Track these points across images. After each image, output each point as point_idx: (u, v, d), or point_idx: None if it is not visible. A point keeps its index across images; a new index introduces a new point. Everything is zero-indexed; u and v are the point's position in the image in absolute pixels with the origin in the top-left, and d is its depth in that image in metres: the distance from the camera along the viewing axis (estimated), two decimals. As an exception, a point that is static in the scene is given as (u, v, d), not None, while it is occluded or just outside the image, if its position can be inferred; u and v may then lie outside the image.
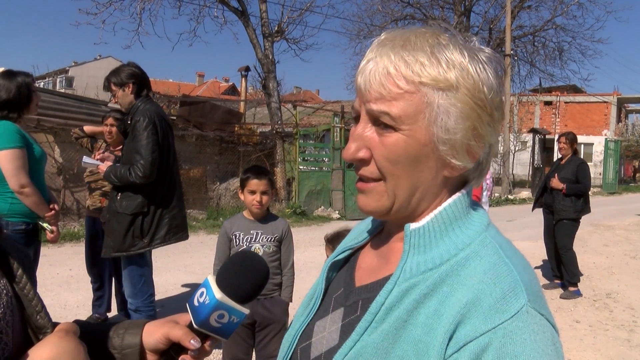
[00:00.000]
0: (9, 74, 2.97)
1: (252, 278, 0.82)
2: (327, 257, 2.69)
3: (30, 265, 0.80)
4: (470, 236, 0.72)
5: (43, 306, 0.74)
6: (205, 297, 0.78)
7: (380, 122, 0.71)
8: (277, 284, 2.89)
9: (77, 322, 0.81)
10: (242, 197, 2.91)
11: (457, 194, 0.75)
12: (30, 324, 0.73)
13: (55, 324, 0.74)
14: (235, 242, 2.85)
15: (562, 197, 5.92)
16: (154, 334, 0.83)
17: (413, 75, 0.67)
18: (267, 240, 2.86)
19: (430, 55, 0.68)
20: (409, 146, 0.69)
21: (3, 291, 0.69)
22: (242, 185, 2.88)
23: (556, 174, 6.00)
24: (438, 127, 0.69)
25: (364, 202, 0.76)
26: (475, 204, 0.77)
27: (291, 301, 2.92)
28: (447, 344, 0.63)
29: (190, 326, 0.81)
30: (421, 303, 0.68)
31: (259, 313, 2.79)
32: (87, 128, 4.73)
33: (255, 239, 2.85)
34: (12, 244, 0.77)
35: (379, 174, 0.72)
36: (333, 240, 2.56)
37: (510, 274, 0.66)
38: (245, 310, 0.79)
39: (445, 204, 0.74)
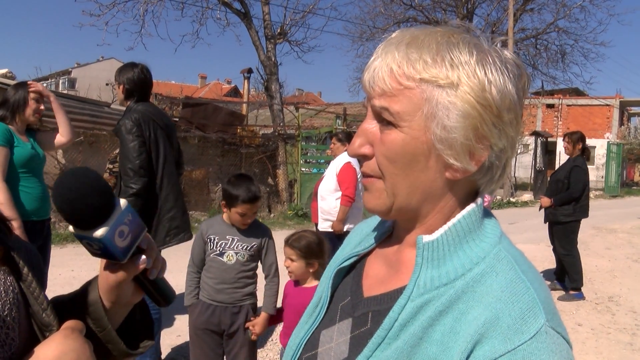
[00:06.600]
0: (18, 85, 3.36)
1: (81, 203, 0.73)
2: (286, 258, 2.55)
3: (39, 265, 0.82)
4: (484, 249, 0.70)
5: (49, 304, 0.75)
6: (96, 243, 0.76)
7: (382, 119, 0.70)
8: (247, 293, 2.75)
9: (56, 298, 0.81)
10: (224, 209, 2.70)
11: (472, 205, 0.72)
12: (36, 321, 0.73)
13: (61, 322, 0.75)
14: (210, 245, 2.70)
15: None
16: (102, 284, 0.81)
17: (414, 72, 0.67)
18: (242, 249, 2.69)
19: (435, 54, 0.67)
20: (407, 144, 0.68)
21: (9, 288, 0.71)
22: (229, 203, 2.64)
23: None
24: (435, 124, 0.67)
25: (366, 198, 0.75)
26: (487, 213, 0.75)
27: (273, 313, 2.75)
28: None
29: (120, 262, 0.78)
30: (436, 320, 0.66)
31: (224, 321, 2.70)
32: None
33: (230, 245, 2.68)
34: (21, 244, 0.79)
35: (379, 172, 0.72)
36: (293, 243, 2.52)
37: (528, 292, 0.65)
38: (103, 232, 0.75)
39: (459, 216, 0.71)
